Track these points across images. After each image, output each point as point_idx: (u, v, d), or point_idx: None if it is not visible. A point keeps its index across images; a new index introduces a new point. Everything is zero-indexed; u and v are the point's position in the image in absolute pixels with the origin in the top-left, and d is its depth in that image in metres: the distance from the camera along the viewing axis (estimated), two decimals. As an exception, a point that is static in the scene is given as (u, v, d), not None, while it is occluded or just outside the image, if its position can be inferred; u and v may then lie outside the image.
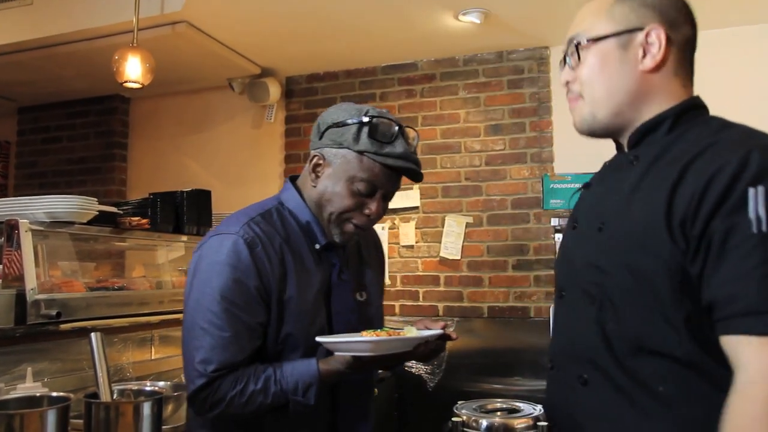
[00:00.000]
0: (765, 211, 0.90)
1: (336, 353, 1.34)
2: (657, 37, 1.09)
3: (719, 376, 0.95)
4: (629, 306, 1.03)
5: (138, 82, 3.05)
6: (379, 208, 1.43)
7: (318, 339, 1.33)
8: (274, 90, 4.08)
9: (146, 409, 1.13)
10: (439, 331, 1.38)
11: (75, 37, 3.47)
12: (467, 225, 3.79)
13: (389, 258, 3.90)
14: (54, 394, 1.14)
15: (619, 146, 1.21)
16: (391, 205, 3.99)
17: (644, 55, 1.10)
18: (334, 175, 1.41)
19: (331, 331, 1.44)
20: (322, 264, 1.47)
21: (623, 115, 1.13)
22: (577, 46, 1.15)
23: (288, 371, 1.34)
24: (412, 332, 1.38)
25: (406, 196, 3.91)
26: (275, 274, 1.38)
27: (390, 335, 1.31)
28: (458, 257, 3.77)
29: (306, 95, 4.20)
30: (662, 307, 1.00)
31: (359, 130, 1.38)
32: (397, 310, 3.88)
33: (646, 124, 1.12)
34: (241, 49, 3.79)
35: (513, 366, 3.56)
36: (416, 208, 3.90)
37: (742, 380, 0.90)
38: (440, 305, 3.81)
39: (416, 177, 1.44)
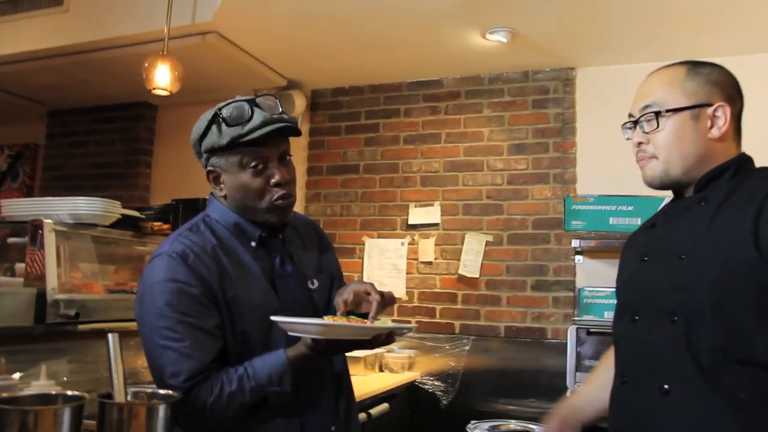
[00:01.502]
0: None
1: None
2: (723, 113, 1.32)
3: None
4: (717, 320, 1.19)
5: (166, 90, 3.09)
6: (283, 173, 1.47)
7: (273, 318, 1.36)
8: (300, 102, 4.11)
9: (160, 411, 1.12)
10: (394, 326, 1.41)
11: (107, 44, 3.53)
12: (487, 243, 3.77)
13: (407, 274, 3.89)
14: (68, 392, 1.14)
15: (677, 193, 1.42)
16: (412, 221, 4.00)
17: (711, 126, 1.33)
18: (229, 173, 1.47)
19: None
20: (262, 259, 1.51)
21: (691, 173, 1.34)
22: (657, 114, 1.34)
23: (259, 365, 1.37)
24: (387, 323, 1.42)
25: (427, 213, 3.90)
26: (214, 277, 1.41)
27: (349, 322, 1.35)
28: (477, 275, 3.75)
29: (331, 108, 4.22)
30: (750, 319, 1.16)
31: (218, 127, 1.44)
32: (413, 326, 3.85)
33: (710, 173, 1.33)
34: (268, 60, 3.82)
35: (528, 387, 3.51)
36: (437, 224, 3.89)
37: None
38: (457, 323, 3.78)
39: (292, 132, 1.49)
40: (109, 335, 1.17)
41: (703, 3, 2.90)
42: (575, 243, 3.29)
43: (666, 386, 1.23)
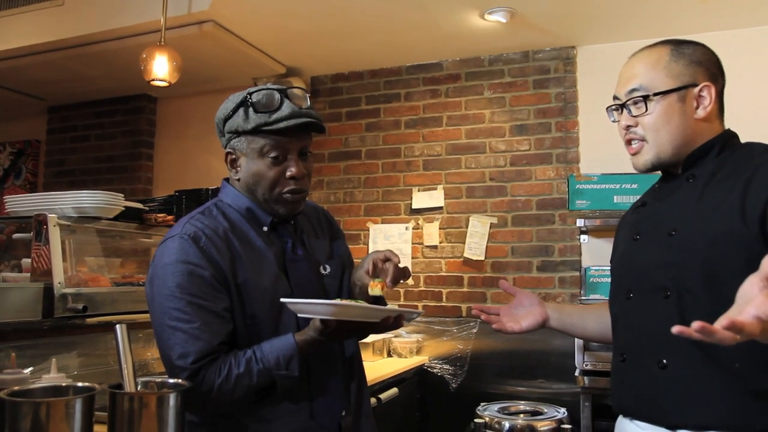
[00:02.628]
0: None
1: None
2: (708, 93, 1.36)
3: None
4: (709, 292, 1.22)
5: (165, 80, 3.08)
6: (300, 167, 1.48)
7: (282, 300, 1.37)
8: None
9: (171, 400, 1.12)
10: (403, 310, 1.43)
11: (104, 36, 3.52)
12: (491, 225, 3.76)
13: (413, 258, 3.89)
14: (79, 384, 1.14)
15: (665, 172, 1.45)
16: (416, 205, 3.99)
17: (697, 106, 1.36)
18: (248, 158, 1.48)
19: None
20: (274, 244, 1.52)
21: (680, 154, 1.38)
22: (645, 98, 1.36)
23: (267, 349, 1.38)
24: (376, 290, 1.46)
25: (430, 197, 3.90)
26: (225, 261, 1.42)
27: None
28: (482, 258, 3.75)
29: (331, 95, 4.21)
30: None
31: (246, 111, 1.45)
32: (420, 310, 3.86)
33: (697, 152, 1.37)
34: (266, 48, 3.81)
35: (537, 368, 3.52)
36: (440, 208, 3.88)
37: None
38: (463, 306, 3.78)
39: (317, 128, 1.50)
40: (117, 326, 1.17)
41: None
42: (580, 222, 3.28)
43: (664, 361, 1.28)
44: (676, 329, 0.93)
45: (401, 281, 1.52)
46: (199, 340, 1.35)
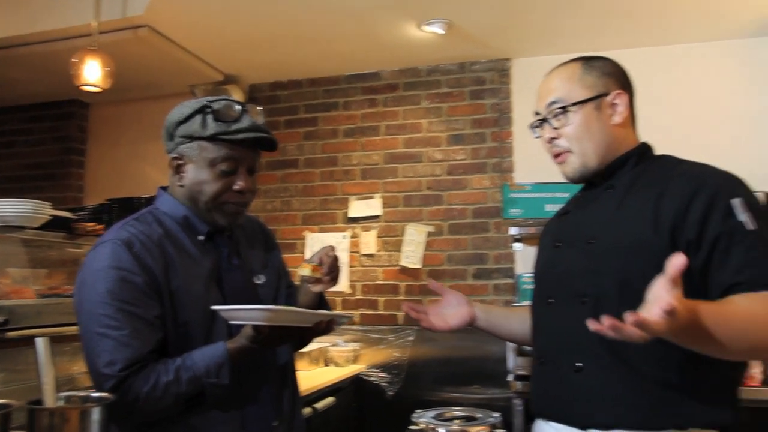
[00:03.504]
0: (748, 215, 1.22)
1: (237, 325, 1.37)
2: (621, 100, 1.43)
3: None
4: (624, 298, 1.24)
5: (97, 86, 3.00)
6: (248, 182, 1.49)
7: (214, 307, 1.36)
8: (237, 97, 4.04)
9: (94, 414, 1.09)
10: (334, 313, 1.45)
11: (32, 39, 3.41)
12: (428, 234, 3.81)
13: (350, 267, 3.89)
14: (-5, 400, 1.10)
15: (589, 182, 1.51)
16: (353, 214, 4.01)
17: (613, 113, 1.43)
18: (197, 166, 1.46)
19: None
20: (209, 253, 1.51)
21: (605, 161, 1.43)
22: (564, 108, 1.42)
23: (197, 356, 1.36)
24: (305, 271, 1.51)
25: (368, 205, 3.92)
26: (159, 267, 1.40)
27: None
28: (419, 266, 3.79)
29: (269, 103, 4.18)
30: None
31: (204, 118, 1.44)
32: (357, 319, 3.87)
33: (616, 162, 1.43)
34: (204, 55, 3.76)
35: (472, 374, 3.57)
36: (377, 217, 3.90)
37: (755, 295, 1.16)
38: (400, 314, 3.81)
39: (271, 146, 1.52)
40: (37, 339, 1.13)
41: (628, -5, 3.00)
42: (513, 230, 3.35)
43: (579, 364, 1.32)
44: (591, 325, 0.98)
45: (331, 282, 1.55)
46: (129, 348, 1.31)
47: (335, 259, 1.56)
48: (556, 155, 1.48)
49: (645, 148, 1.47)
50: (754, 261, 1.19)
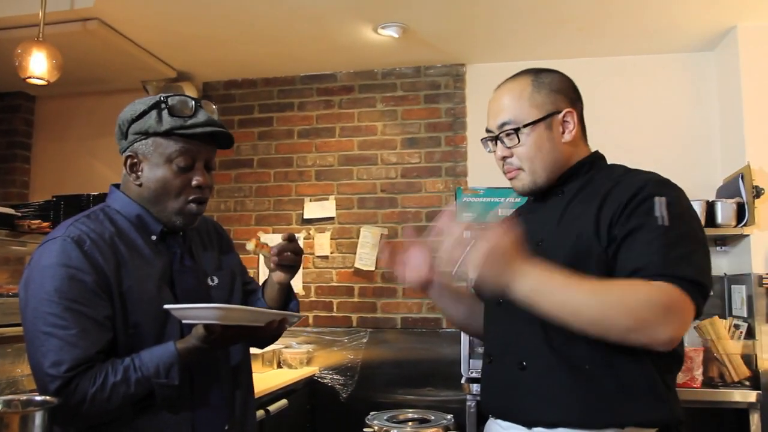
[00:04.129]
0: (666, 212, 1.28)
1: (191, 324, 1.36)
2: (571, 118, 1.46)
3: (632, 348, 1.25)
4: None
5: (43, 79, 2.91)
6: (205, 177, 1.48)
7: (166, 306, 1.33)
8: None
9: (36, 419, 1.06)
10: (286, 313, 1.44)
11: (-26, 28, 3.29)
12: (382, 236, 3.82)
13: (303, 268, 3.87)
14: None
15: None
16: (307, 215, 3.99)
17: (563, 131, 1.46)
18: (152, 163, 1.45)
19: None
20: (162, 254, 1.48)
21: (553, 177, 1.47)
22: (516, 130, 1.45)
23: (147, 357, 1.33)
24: (249, 245, 1.51)
25: (322, 207, 3.90)
26: (110, 266, 1.37)
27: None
28: (373, 268, 3.79)
29: (223, 101, 4.12)
30: None
31: (159, 113, 1.43)
32: (310, 320, 3.85)
33: (567, 172, 1.47)
34: (156, 51, 3.69)
35: (425, 377, 3.60)
36: (332, 218, 3.90)
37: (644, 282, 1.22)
38: (354, 316, 3.81)
39: (227, 141, 1.50)
40: (-23, 341, 1.09)
41: (582, 5, 3.06)
42: (466, 234, 3.39)
43: (524, 362, 1.37)
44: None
45: (286, 269, 1.54)
46: (76, 348, 1.28)
47: (291, 244, 1.55)
48: (508, 171, 1.51)
49: (597, 158, 1.52)
50: (657, 250, 1.25)
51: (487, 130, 1.53)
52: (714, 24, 3.28)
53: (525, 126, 1.44)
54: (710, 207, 3.14)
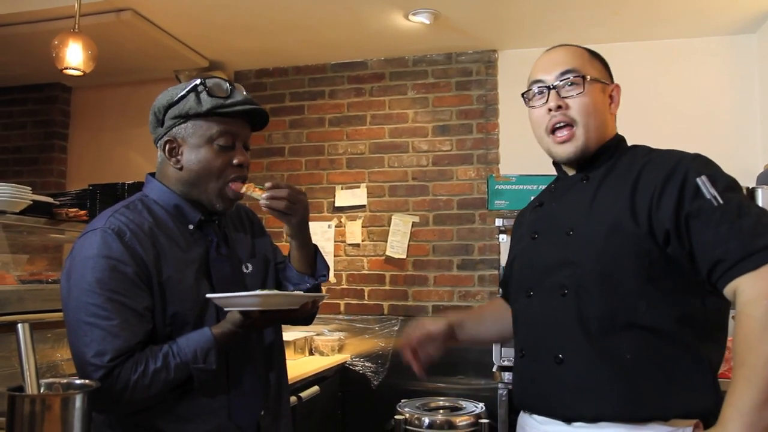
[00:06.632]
0: (714, 191, 1.23)
1: (226, 311, 1.39)
2: (617, 93, 1.46)
3: (679, 335, 1.24)
4: (603, 290, 1.28)
5: (79, 69, 2.95)
6: (245, 156, 1.50)
7: (208, 296, 1.36)
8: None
9: (77, 401, 1.08)
10: (320, 294, 1.49)
11: (13, 19, 3.35)
12: (413, 224, 3.81)
13: (335, 256, 3.88)
14: (-27, 387, 1.08)
15: (560, 171, 1.51)
16: (339, 203, 4.00)
17: (611, 103, 1.45)
18: (192, 145, 1.46)
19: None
20: (198, 242, 1.50)
21: (598, 145, 1.42)
22: (584, 78, 1.39)
23: (184, 343, 1.36)
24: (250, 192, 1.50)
25: (353, 195, 3.91)
26: (150, 257, 1.39)
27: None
28: (404, 256, 3.79)
29: (254, 90, 4.14)
30: (633, 286, 1.26)
31: (198, 95, 1.45)
32: (342, 308, 3.87)
33: (599, 149, 1.42)
34: (188, 40, 3.71)
35: (456, 365, 3.59)
36: (363, 206, 3.90)
37: (742, 301, 1.16)
38: (385, 304, 3.81)
39: (264, 119, 1.54)
40: (19, 325, 1.12)
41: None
42: (498, 222, 3.35)
43: (560, 356, 1.32)
44: None
45: (276, 207, 1.51)
46: (118, 338, 1.30)
47: (281, 191, 1.51)
48: (557, 129, 1.41)
49: (620, 140, 1.48)
50: (728, 233, 1.19)
51: (536, 81, 1.45)
52: (755, 4, 3.18)
53: (592, 78, 1.40)
54: (750, 194, 3.06)
